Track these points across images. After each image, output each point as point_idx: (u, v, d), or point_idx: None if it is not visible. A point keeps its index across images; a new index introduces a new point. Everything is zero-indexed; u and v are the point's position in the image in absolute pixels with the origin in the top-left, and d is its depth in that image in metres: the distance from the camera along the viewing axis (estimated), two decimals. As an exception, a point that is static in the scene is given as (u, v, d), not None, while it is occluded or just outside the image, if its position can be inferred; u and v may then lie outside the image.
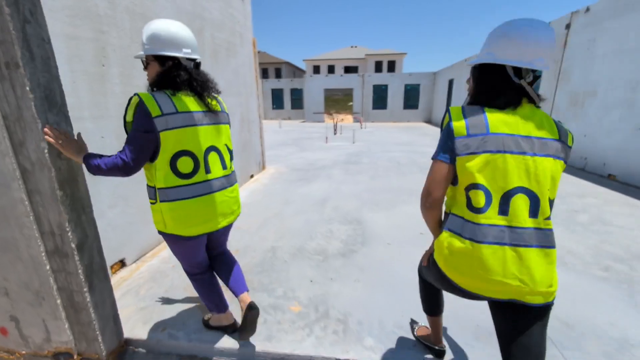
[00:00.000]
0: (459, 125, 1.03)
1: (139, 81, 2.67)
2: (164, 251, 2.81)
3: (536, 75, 1.04)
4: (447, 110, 1.09)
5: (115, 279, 2.36)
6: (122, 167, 1.28)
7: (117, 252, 2.49)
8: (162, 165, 1.34)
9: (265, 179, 5.30)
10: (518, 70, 1.02)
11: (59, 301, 1.52)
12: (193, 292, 2.14)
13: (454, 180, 1.09)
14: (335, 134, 12.63)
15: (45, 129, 1.27)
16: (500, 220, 1.00)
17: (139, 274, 2.43)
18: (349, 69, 32.64)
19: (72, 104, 2.10)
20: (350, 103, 20.68)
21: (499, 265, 0.99)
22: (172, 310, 1.99)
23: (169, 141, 1.32)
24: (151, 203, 1.45)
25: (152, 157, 1.34)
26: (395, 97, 20.03)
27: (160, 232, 1.48)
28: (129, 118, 1.33)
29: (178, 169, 1.36)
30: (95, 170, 1.29)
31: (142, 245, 2.77)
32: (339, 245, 2.86)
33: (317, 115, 21.05)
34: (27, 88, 1.21)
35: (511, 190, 0.99)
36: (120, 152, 1.30)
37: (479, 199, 1.01)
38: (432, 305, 1.51)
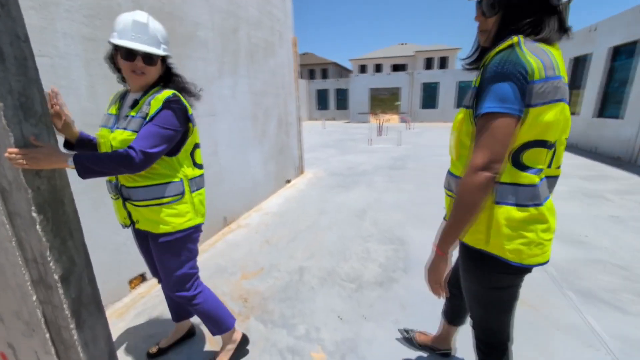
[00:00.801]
0: (535, 64, 0.79)
1: (165, 84, 2.52)
2: (187, 264, 2.64)
3: None
4: (504, 41, 0.84)
5: (132, 296, 2.22)
6: (132, 161, 1.17)
7: (138, 265, 2.36)
8: (184, 158, 1.37)
9: (302, 185, 5.03)
10: None
11: (47, 335, 1.34)
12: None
13: None
14: (379, 135, 12.04)
15: (6, 154, 1.05)
16: (544, 173, 0.90)
17: (158, 290, 2.27)
18: (397, 67, 31.44)
19: (89, 109, 1.99)
20: (397, 102, 19.77)
21: (554, 220, 0.93)
22: (182, 343, 1.76)
23: (194, 135, 1.40)
24: (171, 201, 1.34)
25: (171, 151, 1.32)
26: (447, 95, 18.69)
27: (182, 231, 1.38)
28: (152, 112, 1.25)
29: (195, 160, 1.43)
30: (93, 168, 1.15)
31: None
32: (376, 271, 2.44)
33: (361, 116, 20.49)
34: (-6, 96, 1.02)
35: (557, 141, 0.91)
36: (127, 148, 1.19)
37: (540, 157, 0.88)
38: (458, 315, 1.42)
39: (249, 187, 3.85)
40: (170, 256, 1.40)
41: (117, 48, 1.26)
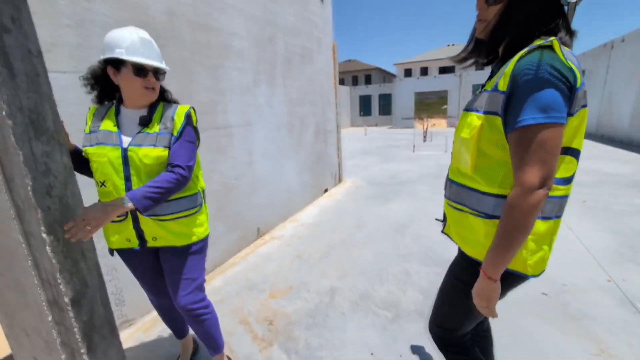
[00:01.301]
0: (576, 69, 0.72)
1: (199, 96, 2.52)
2: (219, 277, 2.58)
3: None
4: (550, 48, 0.72)
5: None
6: (185, 178, 1.23)
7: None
8: (198, 169, 1.41)
9: (339, 194, 4.84)
10: None
11: (63, 357, 1.31)
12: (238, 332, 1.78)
13: None
14: (424, 141, 11.42)
15: (67, 235, 1.05)
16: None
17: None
18: (445, 70, 29.99)
19: (122, 123, 2.02)
20: (445, 106, 18.74)
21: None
22: (199, 367, 1.66)
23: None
24: (195, 212, 1.37)
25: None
26: (501, 96, 17.22)
27: (203, 240, 1.43)
28: (178, 127, 1.28)
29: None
30: (152, 199, 1.16)
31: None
32: (416, 297, 2.16)
33: (406, 121, 19.75)
34: (4, 113, 0.99)
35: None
36: (172, 167, 1.22)
37: (570, 166, 0.82)
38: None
39: (284, 198, 3.76)
40: (195, 264, 1.41)
41: (116, 65, 1.20)
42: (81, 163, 1.35)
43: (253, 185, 3.19)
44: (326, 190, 4.97)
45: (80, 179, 1.22)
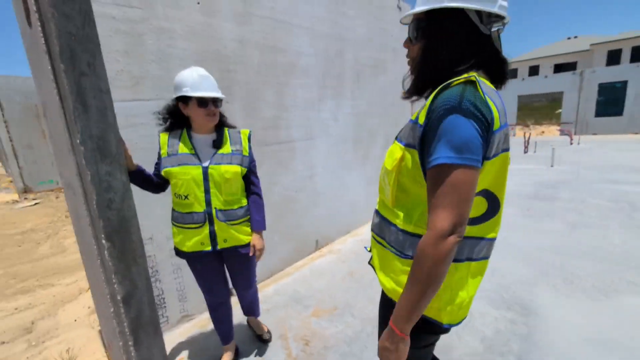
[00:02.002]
0: (495, 109, 0.69)
1: (263, 113, 2.68)
2: (272, 286, 2.69)
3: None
4: (471, 84, 0.68)
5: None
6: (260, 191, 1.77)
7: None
8: None
9: (409, 211, 4.52)
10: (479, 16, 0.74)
11: (120, 344, 1.53)
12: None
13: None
14: (525, 152, 9.83)
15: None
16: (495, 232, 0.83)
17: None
18: (561, 67, 25.41)
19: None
20: (559, 110, 15.83)
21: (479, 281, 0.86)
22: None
23: None
24: (246, 220, 1.67)
25: None
26: (641, 97, 13.68)
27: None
28: (247, 147, 1.65)
29: None
30: (264, 218, 1.73)
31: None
32: (474, 346, 1.83)
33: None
34: (78, 140, 1.22)
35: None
36: (257, 189, 1.70)
37: (479, 207, 0.78)
38: None
39: (347, 211, 3.71)
40: (252, 259, 1.71)
41: (185, 100, 1.47)
42: (143, 180, 1.57)
43: (313, 198, 3.23)
44: (395, 205, 4.72)
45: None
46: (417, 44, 0.82)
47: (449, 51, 0.76)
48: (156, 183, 1.58)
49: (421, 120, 0.73)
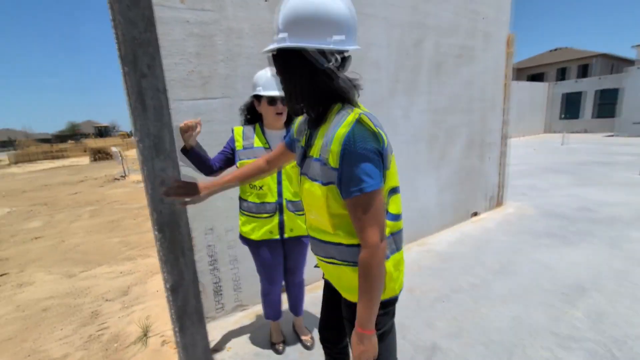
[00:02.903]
0: (380, 132, 0.86)
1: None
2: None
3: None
4: (360, 123, 0.84)
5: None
6: None
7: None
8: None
9: (492, 222, 3.91)
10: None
11: (174, 327, 1.65)
12: None
13: None
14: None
15: None
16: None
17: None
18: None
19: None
20: None
21: None
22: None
23: None
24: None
25: None
26: None
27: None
28: None
29: None
30: None
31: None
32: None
33: (638, 127, 13.82)
34: (137, 139, 1.31)
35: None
36: None
37: (399, 203, 1.01)
38: None
39: (414, 217, 3.39)
40: (307, 250, 1.77)
41: (258, 98, 1.60)
42: (199, 159, 1.64)
43: (376, 200, 3.03)
44: (475, 214, 4.14)
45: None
46: (279, 76, 0.92)
47: (301, 85, 0.87)
48: (209, 166, 1.65)
49: (332, 163, 0.84)
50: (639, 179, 5.78)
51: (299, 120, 1.15)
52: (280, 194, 1.65)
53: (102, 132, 52.94)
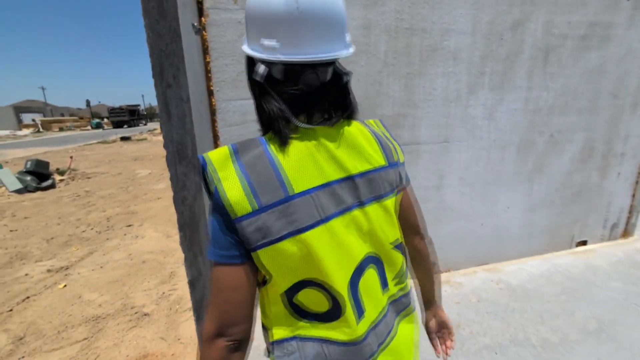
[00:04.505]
0: (232, 195, 0.57)
1: (384, 110, 2.34)
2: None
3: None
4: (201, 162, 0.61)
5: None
6: None
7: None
8: None
9: (604, 258, 2.98)
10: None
11: (193, 316, 1.82)
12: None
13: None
14: None
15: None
16: (363, 326, 0.65)
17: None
18: None
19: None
20: None
21: None
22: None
23: None
24: None
25: None
26: None
27: None
28: None
29: None
30: None
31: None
32: None
33: None
34: (164, 145, 1.42)
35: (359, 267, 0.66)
36: None
37: (317, 300, 0.64)
38: None
39: (488, 237, 2.85)
40: None
41: None
42: None
43: (437, 213, 2.65)
44: (583, 243, 3.22)
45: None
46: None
47: (261, 113, 0.68)
48: None
49: None
50: None
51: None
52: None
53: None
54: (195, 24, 1.73)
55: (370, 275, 0.68)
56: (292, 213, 0.57)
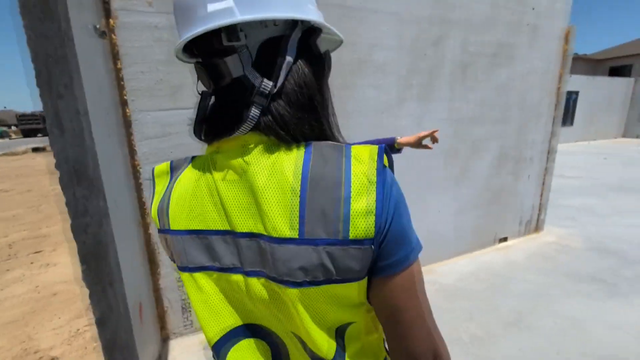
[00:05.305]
0: (154, 209, 0.55)
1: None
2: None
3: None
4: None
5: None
6: None
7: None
8: None
9: (521, 253, 3.34)
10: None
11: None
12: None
13: None
14: None
15: None
16: None
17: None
18: None
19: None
20: None
21: None
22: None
23: None
24: None
25: None
26: None
27: None
28: None
29: None
30: None
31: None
32: None
33: None
34: (55, 163, 1.21)
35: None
36: None
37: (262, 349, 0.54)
38: None
39: (421, 240, 2.99)
40: None
41: None
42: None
43: (376, 220, 2.72)
44: (504, 240, 3.58)
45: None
46: None
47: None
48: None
49: None
50: None
51: None
52: None
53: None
54: (98, 26, 1.53)
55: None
56: (180, 248, 0.50)
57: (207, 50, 0.46)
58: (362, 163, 0.42)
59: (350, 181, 0.41)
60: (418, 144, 1.51)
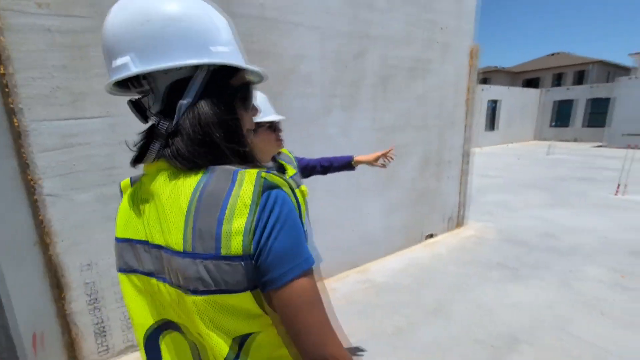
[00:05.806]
0: (118, 219, 0.64)
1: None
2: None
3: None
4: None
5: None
6: None
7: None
8: None
9: (446, 247, 3.67)
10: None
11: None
12: None
13: None
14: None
15: None
16: None
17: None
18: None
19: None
20: None
21: None
22: None
23: None
24: None
25: None
26: None
27: None
28: None
29: None
30: None
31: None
32: None
33: (629, 139, 13.64)
34: None
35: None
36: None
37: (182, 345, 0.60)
38: None
39: (355, 242, 3.14)
40: None
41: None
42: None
43: (312, 225, 2.78)
44: (431, 236, 3.90)
45: None
46: None
47: None
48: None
49: None
50: (613, 200, 5.57)
51: None
52: None
53: None
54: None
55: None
56: (126, 252, 0.60)
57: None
58: (242, 187, 0.48)
59: (228, 204, 0.47)
60: (373, 162, 1.80)
